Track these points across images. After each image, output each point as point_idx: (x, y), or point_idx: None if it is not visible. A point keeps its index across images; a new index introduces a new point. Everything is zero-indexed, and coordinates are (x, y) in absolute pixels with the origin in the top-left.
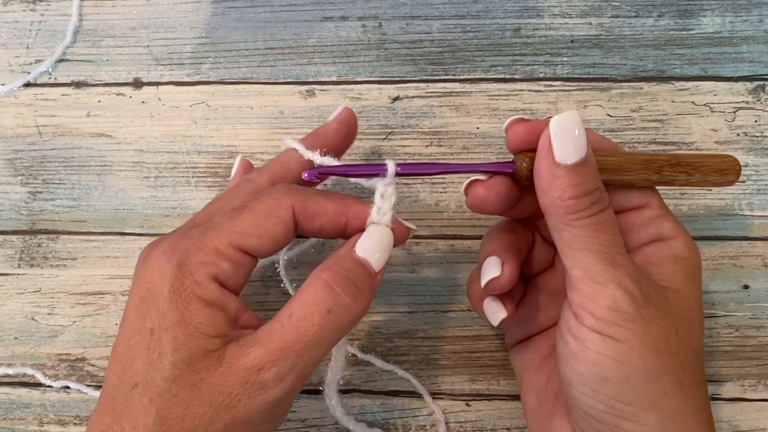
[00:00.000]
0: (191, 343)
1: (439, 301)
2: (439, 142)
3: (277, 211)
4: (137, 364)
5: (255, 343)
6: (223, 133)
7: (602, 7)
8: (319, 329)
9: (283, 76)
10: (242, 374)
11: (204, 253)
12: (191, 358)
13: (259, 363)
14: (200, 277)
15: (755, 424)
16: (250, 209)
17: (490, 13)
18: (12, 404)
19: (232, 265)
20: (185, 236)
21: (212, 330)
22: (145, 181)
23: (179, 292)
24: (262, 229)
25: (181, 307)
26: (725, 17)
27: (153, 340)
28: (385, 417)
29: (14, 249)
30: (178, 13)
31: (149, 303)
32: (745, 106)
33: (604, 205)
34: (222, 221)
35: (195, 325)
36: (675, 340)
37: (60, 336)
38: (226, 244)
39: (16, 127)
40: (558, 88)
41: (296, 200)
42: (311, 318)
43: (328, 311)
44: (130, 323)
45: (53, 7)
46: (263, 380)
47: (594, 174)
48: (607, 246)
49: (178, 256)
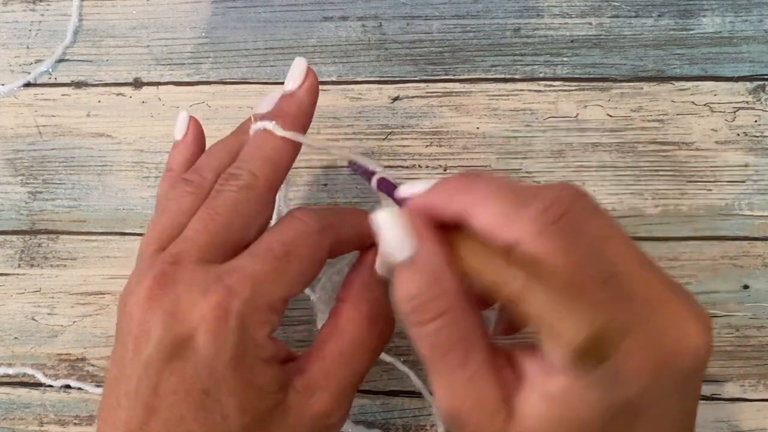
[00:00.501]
0: (258, 404)
1: None
2: (439, 142)
3: (319, 254)
4: (190, 424)
5: (315, 389)
6: (223, 133)
7: (602, 7)
8: (369, 364)
9: (283, 76)
10: (312, 423)
11: (260, 314)
12: (261, 417)
13: (327, 411)
14: (261, 338)
15: (755, 424)
16: (296, 257)
17: (490, 13)
18: (12, 404)
19: (281, 318)
20: (229, 293)
21: (275, 386)
22: (145, 181)
23: (242, 358)
24: (309, 276)
25: (246, 372)
26: (725, 17)
27: (209, 402)
28: (385, 417)
29: (14, 249)
30: (178, 13)
31: (194, 363)
32: (745, 106)
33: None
34: (268, 272)
35: (260, 386)
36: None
37: (60, 336)
38: (278, 299)
39: (16, 127)
40: (558, 88)
41: (333, 239)
42: (361, 355)
43: (374, 348)
44: (161, 376)
45: (53, 7)
46: (331, 424)
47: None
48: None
49: (237, 321)
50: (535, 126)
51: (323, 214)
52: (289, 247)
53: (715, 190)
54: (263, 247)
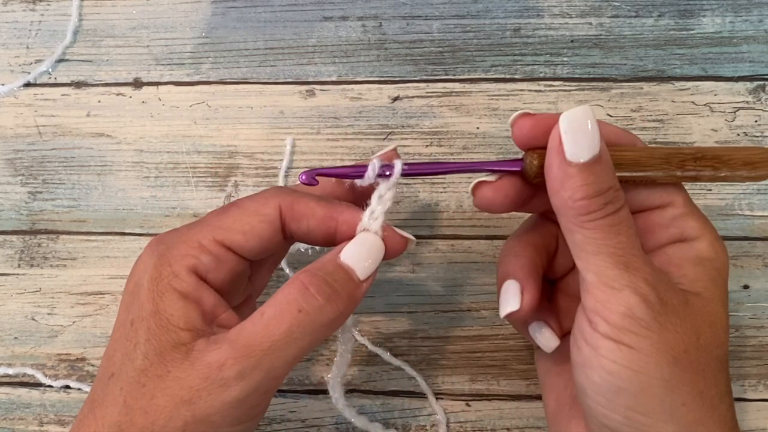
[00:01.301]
0: (162, 334)
1: (439, 301)
2: (439, 142)
3: (264, 208)
4: (116, 355)
5: (223, 340)
6: (223, 133)
7: (602, 7)
8: (288, 328)
9: (283, 76)
10: (205, 370)
11: (186, 246)
12: (161, 349)
13: (221, 359)
14: (178, 268)
15: (755, 424)
16: (237, 206)
17: (490, 13)
18: (12, 404)
19: (213, 260)
20: (174, 231)
21: (183, 323)
22: (145, 181)
23: (156, 283)
24: (247, 225)
25: (157, 298)
26: (725, 17)
27: (131, 331)
28: (385, 417)
29: (14, 249)
30: (178, 13)
31: (134, 296)
32: (745, 106)
33: (619, 205)
34: (209, 217)
35: (167, 316)
36: (695, 348)
37: (60, 336)
38: (209, 238)
39: (16, 127)
40: (558, 88)
41: (284, 200)
42: (281, 317)
43: (299, 311)
44: (119, 317)
45: (53, 7)
46: (225, 377)
47: (608, 172)
48: (622, 249)
49: (161, 248)
50: None
51: (284, 186)
52: (237, 201)
53: (715, 190)
54: (224, 205)
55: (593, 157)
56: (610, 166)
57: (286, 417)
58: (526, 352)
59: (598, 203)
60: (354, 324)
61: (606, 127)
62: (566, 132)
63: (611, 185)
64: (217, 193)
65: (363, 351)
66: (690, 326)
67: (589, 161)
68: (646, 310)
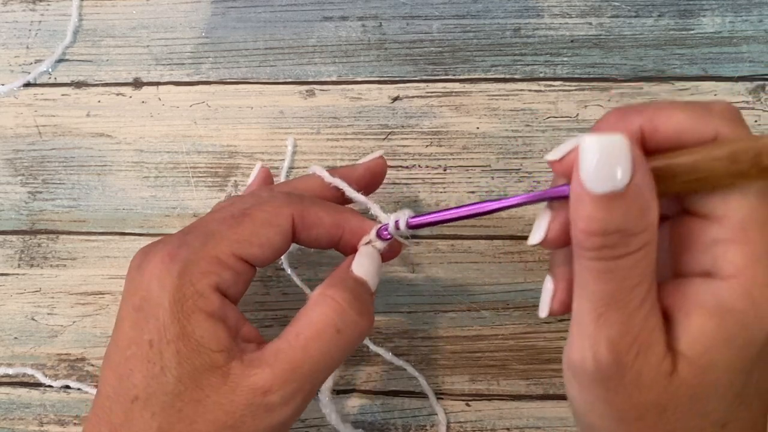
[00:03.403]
0: (194, 357)
1: (439, 301)
2: (439, 142)
3: (277, 219)
4: (136, 377)
5: (261, 363)
6: (223, 133)
7: (602, 7)
8: (328, 350)
9: (283, 76)
10: (248, 395)
11: (206, 263)
12: (196, 373)
13: (265, 385)
14: (203, 287)
15: None
16: (251, 217)
17: (490, 13)
18: (12, 404)
19: (233, 275)
20: (184, 244)
21: (215, 344)
22: (145, 181)
23: (181, 304)
24: (264, 237)
25: (183, 319)
26: (725, 17)
27: (153, 353)
28: (385, 417)
29: (14, 249)
30: (178, 13)
31: (147, 314)
32: (745, 106)
33: (621, 252)
34: (221, 229)
35: (197, 338)
36: (658, 417)
37: (60, 336)
38: (228, 253)
39: (16, 127)
40: (558, 88)
41: (296, 210)
42: (320, 338)
43: (338, 331)
44: (125, 333)
45: (53, 7)
46: (270, 403)
47: (627, 212)
48: (603, 298)
49: (180, 266)
50: (535, 126)
51: (297, 193)
52: (248, 210)
53: None
54: (227, 210)
55: (610, 191)
56: (639, 208)
57: None
58: (526, 352)
59: (594, 243)
60: None
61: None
62: (584, 156)
63: (622, 229)
64: (217, 193)
65: (363, 351)
66: (653, 399)
67: (604, 194)
68: (593, 369)
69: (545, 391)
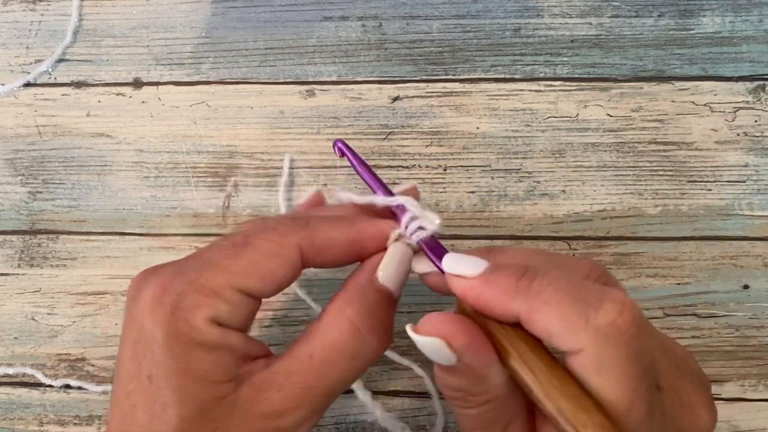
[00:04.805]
0: (199, 391)
1: (439, 301)
2: (439, 142)
3: (282, 249)
4: (139, 414)
5: (273, 385)
6: (223, 133)
7: (602, 7)
8: (342, 375)
9: (283, 76)
10: (260, 421)
11: (199, 295)
12: (202, 408)
13: (279, 409)
14: (198, 322)
15: (755, 424)
16: (252, 246)
17: (490, 13)
18: (12, 404)
19: (231, 307)
20: (179, 274)
21: (221, 375)
22: (145, 181)
23: (176, 339)
24: (266, 270)
25: (181, 355)
26: (725, 17)
27: (152, 389)
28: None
29: (14, 249)
30: (178, 13)
31: (143, 347)
32: (745, 106)
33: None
34: (219, 258)
35: (201, 373)
36: None
37: (60, 336)
38: (225, 285)
39: (16, 127)
40: (558, 88)
41: (303, 237)
42: (334, 364)
43: (353, 357)
44: (126, 367)
45: (53, 7)
46: (283, 426)
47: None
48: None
49: (172, 299)
50: (535, 126)
51: (302, 215)
52: (249, 238)
53: (715, 190)
54: (229, 239)
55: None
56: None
57: None
58: None
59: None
60: None
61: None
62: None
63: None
64: (217, 193)
65: None
66: None
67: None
68: None
69: None
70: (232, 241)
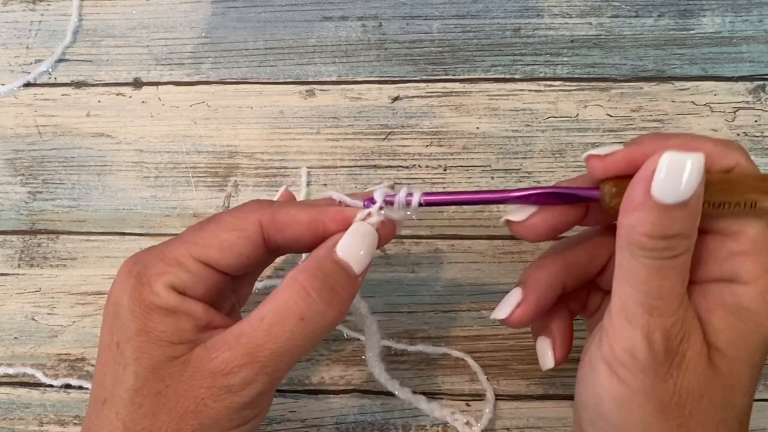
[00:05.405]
0: (154, 351)
1: (439, 301)
2: (439, 142)
3: (242, 223)
4: (107, 380)
5: (222, 345)
6: (223, 133)
7: (602, 7)
8: (291, 336)
9: (283, 76)
10: (209, 378)
11: (162, 264)
12: (155, 366)
13: (226, 367)
14: (158, 287)
15: (755, 424)
16: (216, 222)
17: (490, 13)
18: (12, 404)
19: (191, 276)
20: (151, 249)
21: (176, 337)
22: (145, 181)
23: (138, 303)
24: (225, 242)
25: (142, 317)
26: (725, 17)
27: (118, 353)
28: (385, 417)
29: (14, 249)
30: (178, 13)
31: (115, 317)
32: (745, 106)
33: (678, 252)
34: (187, 233)
35: (157, 333)
36: (695, 405)
37: (60, 336)
38: (186, 254)
39: (16, 127)
40: (558, 88)
41: (264, 213)
42: (283, 324)
43: (301, 318)
44: (102, 340)
45: (53, 7)
46: (231, 384)
47: (687, 220)
48: (656, 292)
49: (138, 268)
50: (535, 126)
51: (267, 200)
52: (218, 216)
53: None
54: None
55: (677, 203)
56: (694, 216)
57: (286, 417)
58: (526, 352)
59: (657, 245)
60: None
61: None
62: (661, 170)
63: (680, 233)
64: (217, 193)
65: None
66: (695, 384)
67: (670, 205)
68: (647, 356)
69: (545, 392)
70: (206, 219)
